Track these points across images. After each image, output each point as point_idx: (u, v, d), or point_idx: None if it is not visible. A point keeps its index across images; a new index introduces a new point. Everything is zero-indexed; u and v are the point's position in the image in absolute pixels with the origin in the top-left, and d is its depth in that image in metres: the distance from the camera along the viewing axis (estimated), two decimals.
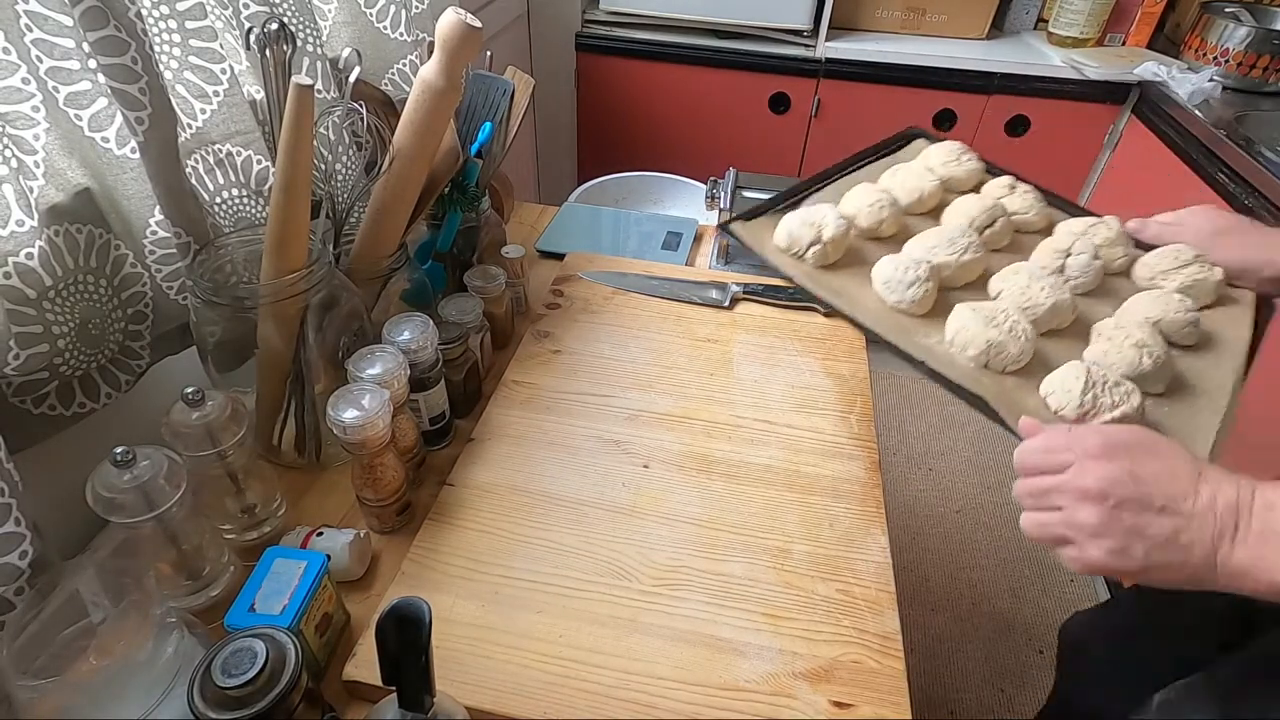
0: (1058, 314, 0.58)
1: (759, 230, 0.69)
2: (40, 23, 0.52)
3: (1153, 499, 0.41)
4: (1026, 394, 0.55)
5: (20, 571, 0.48)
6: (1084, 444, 0.44)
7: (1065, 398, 0.51)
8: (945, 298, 0.62)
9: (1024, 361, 0.55)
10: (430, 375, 0.67)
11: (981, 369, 0.56)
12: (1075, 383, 0.51)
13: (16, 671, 0.41)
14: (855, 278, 0.65)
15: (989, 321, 0.56)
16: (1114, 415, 0.49)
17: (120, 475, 0.48)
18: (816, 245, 0.63)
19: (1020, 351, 0.54)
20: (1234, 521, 0.40)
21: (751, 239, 0.68)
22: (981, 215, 0.68)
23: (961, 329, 0.57)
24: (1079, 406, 0.50)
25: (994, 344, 0.55)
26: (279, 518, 0.63)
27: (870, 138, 1.70)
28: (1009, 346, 0.54)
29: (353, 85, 0.66)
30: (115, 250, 0.61)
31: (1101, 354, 0.56)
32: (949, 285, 0.63)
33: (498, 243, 0.90)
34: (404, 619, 0.37)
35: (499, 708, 0.51)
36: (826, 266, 0.65)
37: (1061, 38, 1.64)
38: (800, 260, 0.65)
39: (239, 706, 0.39)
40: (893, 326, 0.59)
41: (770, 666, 0.54)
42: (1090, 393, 0.50)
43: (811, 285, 0.63)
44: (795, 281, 0.64)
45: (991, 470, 1.78)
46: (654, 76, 1.73)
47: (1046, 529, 0.44)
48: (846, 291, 0.64)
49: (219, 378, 0.65)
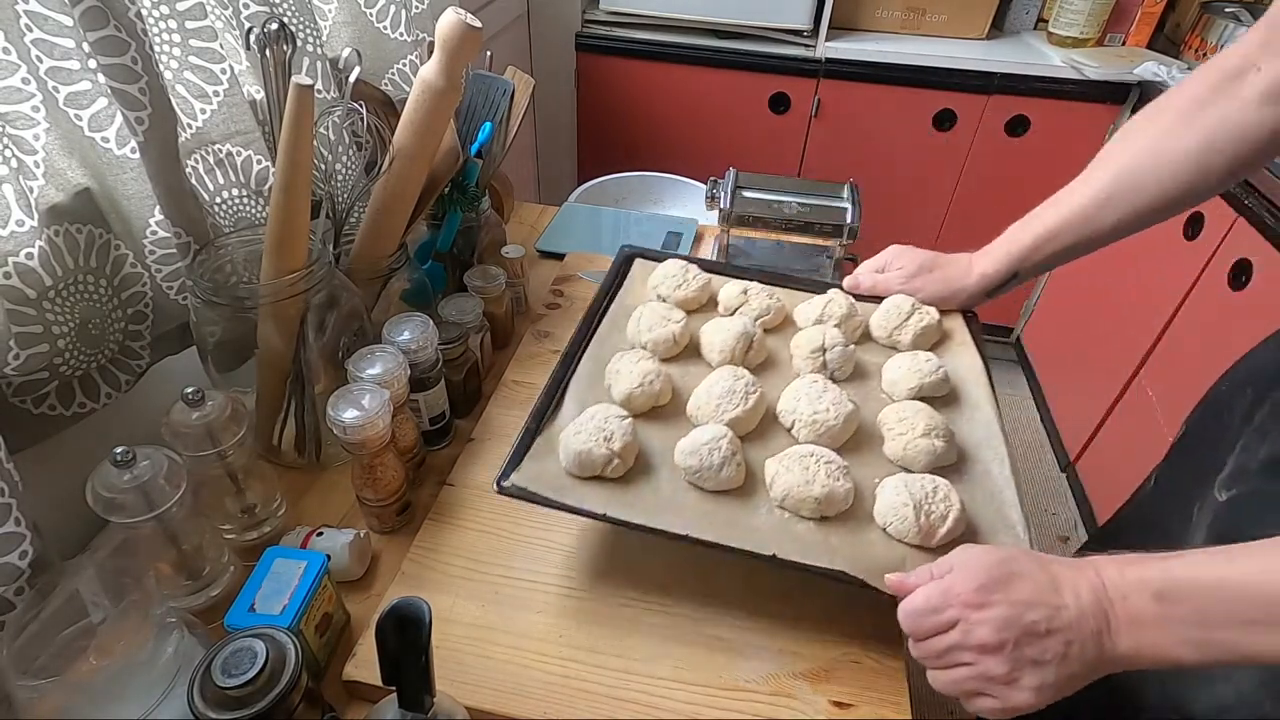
0: (849, 425, 0.62)
1: (540, 464, 0.58)
2: (40, 23, 0.52)
3: (1038, 625, 0.44)
4: (868, 532, 0.56)
5: (20, 571, 0.48)
6: (958, 595, 0.46)
7: (903, 525, 0.54)
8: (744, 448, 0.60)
9: (850, 501, 0.56)
10: (430, 375, 0.67)
11: (820, 522, 0.56)
12: (905, 508, 0.54)
13: (16, 671, 0.41)
14: (654, 477, 0.58)
15: (804, 470, 0.56)
16: (949, 525, 0.53)
17: (120, 475, 0.48)
18: (613, 461, 0.56)
19: (846, 492, 0.56)
20: (1105, 616, 0.43)
21: (541, 483, 0.56)
22: (739, 345, 0.68)
23: (788, 493, 0.56)
24: (918, 530, 0.53)
25: (822, 499, 0.55)
26: (279, 518, 0.63)
27: (870, 138, 1.71)
28: (836, 491, 0.55)
29: (353, 85, 0.66)
30: (115, 250, 0.61)
31: (902, 452, 0.60)
32: (741, 432, 0.61)
33: (498, 243, 0.90)
34: (404, 619, 0.37)
35: (499, 708, 0.51)
36: (622, 478, 0.58)
37: (1061, 38, 1.64)
38: (603, 480, 0.57)
39: (239, 706, 0.39)
40: (725, 521, 0.55)
41: (770, 666, 0.54)
42: (921, 510, 0.53)
43: (636, 517, 0.54)
44: (612, 519, 0.54)
45: None
46: (654, 76, 1.73)
47: (961, 685, 0.46)
48: (664, 502, 0.56)
49: (219, 378, 0.65)
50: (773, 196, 0.98)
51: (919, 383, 0.66)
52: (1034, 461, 1.82)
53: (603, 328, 0.72)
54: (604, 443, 0.56)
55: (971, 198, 1.76)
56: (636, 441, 0.59)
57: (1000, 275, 0.72)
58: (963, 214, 1.78)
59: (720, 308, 0.76)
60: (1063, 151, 1.65)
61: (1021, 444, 1.86)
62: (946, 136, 1.68)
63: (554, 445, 0.59)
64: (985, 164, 1.70)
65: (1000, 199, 1.73)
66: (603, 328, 0.72)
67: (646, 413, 0.64)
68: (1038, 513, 1.70)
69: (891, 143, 1.72)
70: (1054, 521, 1.68)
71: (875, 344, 0.74)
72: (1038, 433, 1.88)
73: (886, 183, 1.76)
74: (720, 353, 0.68)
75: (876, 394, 0.68)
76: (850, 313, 0.73)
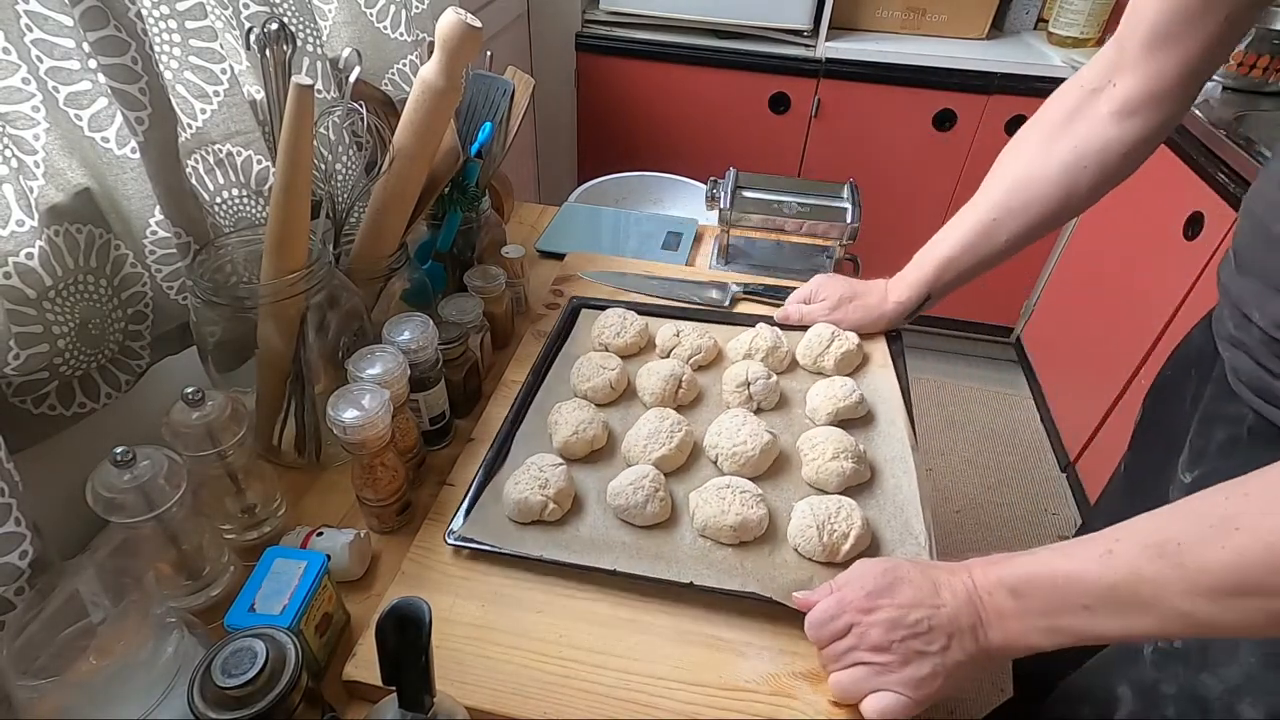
0: (767, 455, 0.66)
1: (486, 513, 0.62)
2: (40, 23, 0.52)
3: (920, 623, 0.48)
4: (783, 553, 0.60)
5: (20, 571, 0.48)
6: (850, 603, 0.51)
7: (810, 545, 0.59)
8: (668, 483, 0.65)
9: (765, 526, 0.61)
10: (430, 375, 0.67)
11: (737, 548, 0.60)
12: (810, 529, 0.58)
13: (16, 671, 0.41)
14: (589, 516, 0.63)
15: (721, 501, 0.60)
16: (851, 542, 0.58)
17: (120, 475, 0.47)
18: (549, 506, 0.61)
19: (760, 519, 0.60)
20: (976, 612, 0.48)
21: (487, 531, 0.61)
22: (668, 386, 0.73)
23: (707, 523, 0.60)
24: (823, 548, 0.58)
25: (737, 527, 0.59)
26: (279, 518, 0.63)
27: (870, 138, 1.71)
28: (750, 519, 0.59)
29: (353, 85, 0.66)
30: (115, 250, 0.61)
31: (815, 475, 0.65)
32: (670, 469, 0.66)
33: (498, 243, 0.90)
34: (404, 619, 0.37)
35: (499, 708, 0.51)
36: (560, 520, 0.62)
37: (1061, 38, 1.64)
38: (543, 524, 0.62)
39: (239, 706, 0.39)
40: (653, 553, 0.59)
41: (770, 666, 0.54)
42: (824, 530, 0.58)
43: (570, 557, 0.59)
44: (548, 561, 0.58)
45: (991, 470, 1.78)
46: (654, 76, 1.73)
47: (860, 684, 0.50)
48: (598, 540, 0.60)
49: (219, 378, 0.65)
50: (773, 196, 0.98)
51: (835, 408, 0.71)
52: (1034, 461, 1.82)
53: (549, 379, 0.77)
54: (540, 490, 0.61)
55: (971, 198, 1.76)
56: (572, 486, 0.64)
57: (913, 301, 0.80)
58: None
59: (657, 350, 0.81)
60: None
61: (1021, 444, 1.86)
62: (946, 136, 1.68)
63: (499, 495, 0.63)
64: (985, 164, 1.66)
65: None
66: (549, 379, 0.77)
67: (585, 456, 0.68)
68: (1037, 513, 1.70)
69: (891, 143, 1.72)
70: (1054, 521, 1.68)
71: (803, 371, 0.80)
72: (1038, 433, 1.88)
73: (886, 183, 1.76)
74: (652, 395, 0.73)
75: (801, 420, 0.73)
76: (776, 344, 0.78)
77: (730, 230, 0.99)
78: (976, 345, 2.09)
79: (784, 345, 0.79)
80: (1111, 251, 1.62)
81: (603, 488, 0.64)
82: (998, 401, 1.98)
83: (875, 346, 0.81)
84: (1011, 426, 1.91)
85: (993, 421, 1.92)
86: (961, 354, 2.13)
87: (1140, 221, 1.51)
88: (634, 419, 0.70)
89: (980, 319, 2.00)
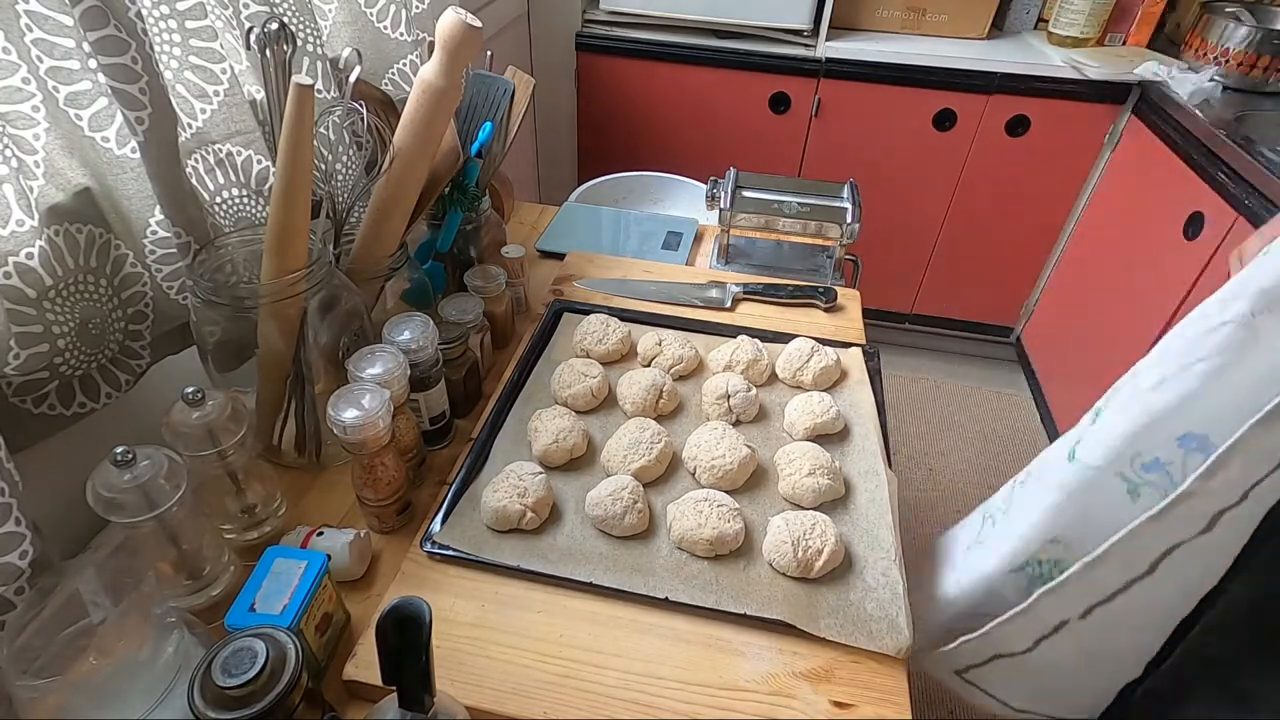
0: (745, 469, 0.66)
1: (464, 520, 0.62)
2: (40, 22, 0.52)
3: None
4: (758, 567, 0.60)
5: (20, 571, 0.48)
6: None
7: (785, 560, 0.59)
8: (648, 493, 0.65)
9: (741, 540, 0.61)
10: (430, 375, 0.67)
11: (713, 561, 0.60)
12: (785, 545, 0.59)
13: (16, 671, 0.41)
14: (567, 526, 0.62)
15: (698, 514, 0.60)
16: (825, 557, 0.58)
17: (120, 475, 0.47)
18: (527, 515, 0.61)
19: (736, 533, 0.60)
20: None
21: (464, 539, 0.60)
22: (649, 396, 0.73)
23: (683, 536, 0.60)
24: (798, 563, 0.58)
25: (713, 540, 0.59)
26: (279, 518, 0.63)
27: (870, 138, 1.71)
28: (726, 533, 0.60)
29: (353, 85, 0.66)
30: (115, 250, 0.61)
31: (791, 490, 0.66)
32: (649, 479, 0.67)
33: (498, 243, 0.90)
34: (404, 619, 0.37)
35: (499, 708, 0.51)
36: (538, 529, 0.62)
37: (1062, 37, 1.64)
38: (520, 532, 0.61)
39: (239, 706, 0.39)
40: (630, 565, 0.59)
41: (770, 666, 0.54)
42: (799, 545, 0.59)
43: (547, 567, 0.59)
44: (524, 570, 0.58)
45: (992, 471, 1.78)
46: (654, 76, 1.73)
47: None
48: (575, 550, 0.60)
49: (219, 378, 0.65)
50: (773, 196, 0.98)
51: (813, 423, 0.71)
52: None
53: (529, 385, 0.76)
54: (519, 498, 0.61)
55: (971, 198, 1.76)
56: (550, 495, 0.63)
57: None
58: (963, 214, 1.78)
59: (639, 358, 0.81)
60: (1063, 151, 1.65)
61: (1021, 444, 1.86)
62: (946, 136, 1.68)
63: (477, 502, 0.63)
64: (985, 164, 1.70)
65: (1000, 199, 1.73)
66: (529, 385, 0.76)
67: (564, 465, 0.68)
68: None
69: (891, 143, 1.72)
70: None
71: (783, 384, 0.80)
72: (1038, 433, 1.88)
73: (886, 183, 1.76)
74: (633, 404, 0.73)
75: (779, 434, 0.74)
76: (757, 357, 0.78)
77: (730, 230, 0.99)
78: (976, 345, 2.09)
79: (764, 358, 0.79)
80: (1111, 251, 1.62)
81: (581, 496, 0.64)
82: (998, 401, 1.98)
83: (852, 362, 0.81)
84: (1011, 426, 1.90)
85: (993, 421, 1.92)
86: (961, 354, 2.13)
87: (1140, 221, 1.51)
88: (614, 427, 0.70)
89: (980, 319, 1.99)
